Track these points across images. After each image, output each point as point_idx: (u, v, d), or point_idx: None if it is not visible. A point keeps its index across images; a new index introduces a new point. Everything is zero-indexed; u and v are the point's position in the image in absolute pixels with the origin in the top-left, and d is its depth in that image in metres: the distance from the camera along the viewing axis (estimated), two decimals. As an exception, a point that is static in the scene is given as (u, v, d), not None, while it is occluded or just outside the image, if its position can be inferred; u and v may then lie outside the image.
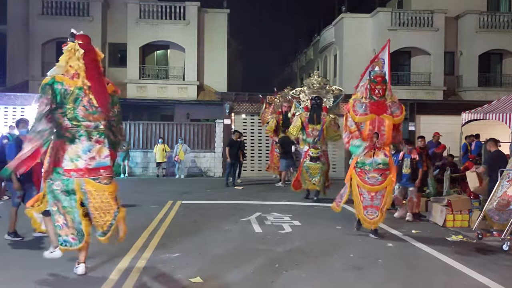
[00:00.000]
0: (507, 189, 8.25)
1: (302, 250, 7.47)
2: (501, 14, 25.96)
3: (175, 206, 11.58)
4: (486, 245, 7.98)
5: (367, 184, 8.32)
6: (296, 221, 9.82)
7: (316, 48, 32.44)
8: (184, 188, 15.47)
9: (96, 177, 5.77)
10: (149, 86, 24.97)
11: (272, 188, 16.03)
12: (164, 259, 6.77)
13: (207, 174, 20.39)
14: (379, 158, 8.27)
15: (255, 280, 5.89)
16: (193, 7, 25.18)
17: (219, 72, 25.87)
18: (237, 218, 10.06)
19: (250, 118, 20.70)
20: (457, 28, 26.06)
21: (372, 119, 8.28)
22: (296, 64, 39.51)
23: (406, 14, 25.38)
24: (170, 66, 25.92)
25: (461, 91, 25.57)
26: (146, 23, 24.83)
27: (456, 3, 25.34)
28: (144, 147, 20.40)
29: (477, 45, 25.55)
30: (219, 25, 26.17)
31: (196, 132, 20.80)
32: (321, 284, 5.81)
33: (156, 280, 5.84)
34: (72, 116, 5.65)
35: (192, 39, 25.18)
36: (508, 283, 5.90)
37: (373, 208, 8.29)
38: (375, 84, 8.35)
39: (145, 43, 25.14)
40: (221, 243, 7.83)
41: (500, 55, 26.62)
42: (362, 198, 8.36)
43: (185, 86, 25.12)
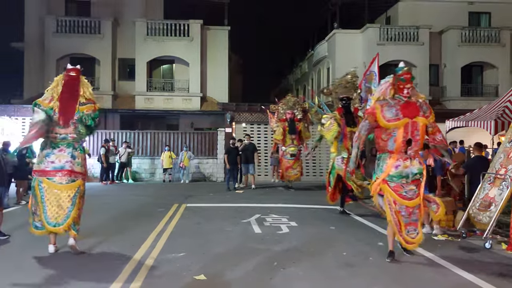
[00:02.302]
0: (488, 191, 8.24)
1: (299, 249, 7.45)
2: (481, 29, 26.02)
3: (180, 209, 11.57)
4: (470, 244, 7.96)
5: (405, 200, 6.64)
6: (293, 222, 9.79)
7: (310, 62, 32.51)
8: (189, 192, 15.45)
9: (51, 177, 6.75)
10: (156, 97, 24.99)
11: (271, 191, 16.01)
12: (170, 258, 6.76)
13: (210, 179, 20.39)
14: (415, 168, 6.68)
15: (254, 277, 5.87)
16: (196, 24, 25.24)
17: (220, 84, 25.90)
18: (238, 220, 10.04)
19: (250, 126, 20.72)
20: (441, 42, 26.11)
21: (405, 124, 6.63)
22: (292, 76, 39.55)
23: (394, 29, 25.44)
24: (175, 79, 25.94)
25: (445, 100, 25.60)
26: (153, 39, 24.87)
27: (439, 19, 25.41)
28: (151, 154, 20.46)
29: (460, 58, 25.59)
30: (220, 41, 26.22)
31: (199, 140, 20.86)
32: (316, 281, 5.80)
33: (163, 278, 5.82)
34: None
35: (195, 54, 25.23)
36: (490, 279, 5.89)
37: (411, 226, 6.68)
38: (403, 82, 6.69)
39: (152, 58, 25.18)
40: (223, 243, 7.81)
41: (481, 67, 26.66)
42: (401, 217, 6.64)
43: (189, 97, 25.14)
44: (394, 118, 6.61)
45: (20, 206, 11.95)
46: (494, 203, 7.94)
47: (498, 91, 24.60)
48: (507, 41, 25.62)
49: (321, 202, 12.53)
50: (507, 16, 26.10)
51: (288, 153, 15.82)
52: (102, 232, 8.41)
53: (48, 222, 6.69)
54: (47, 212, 6.70)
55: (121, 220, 9.84)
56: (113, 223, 9.19)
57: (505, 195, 7.71)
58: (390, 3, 27.35)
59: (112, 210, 11.44)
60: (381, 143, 6.81)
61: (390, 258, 6.76)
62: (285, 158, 15.90)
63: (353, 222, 10.05)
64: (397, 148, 6.65)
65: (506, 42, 25.59)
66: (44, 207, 6.72)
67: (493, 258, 7.05)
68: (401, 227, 6.64)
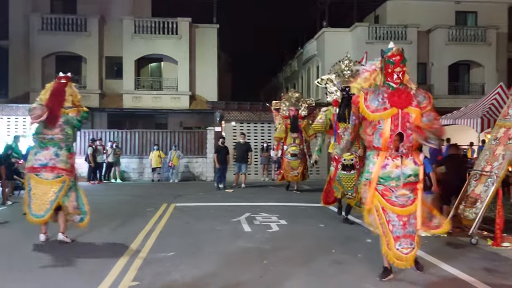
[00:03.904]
0: (474, 188, 8.40)
1: (289, 247, 7.54)
2: (468, 28, 26.35)
3: (170, 209, 11.59)
4: (457, 240, 8.11)
5: (396, 206, 5.61)
6: (283, 221, 9.88)
7: (300, 60, 32.64)
8: (178, 191, 15.46)
9: (38, 173, 7.50)
10: (144, 96, 24.92)
11: (261, 190, 16.09)
12: (160, 258, 6.80)
13: (200, 178, 20.40)
14: (408, 168, 5.64)
15: (245, 276, 5.95)
16: (184, 22, 25.21)
17: (210, 82, 25.90)
18: (228, 219, 10.09)
19: (240, 125, 20.77)
20: (429, 41, 26.38)
21: (394, 115, 5.63)
22: (282, 75, 39.65)
23: (382, 28, 25.66)
24: (163, 78, 25.90)
25: (433, 98, 25.83)
26: (140, 37, 24.80)
27: (427, 18, 25.68)
28: (139, 153, 20.39)
29: (447, 57, 25.90)
30: (209, 39, 26.21)
31: (188, 139, 20.84)
32: (305, 278, 5.89)
33: (153, 277, 5.87)
34: (38, 130, 7.70)
35: (184, 53, 25.21)
36: (475, 273, 6.04)
37: (407, 239, 5.60)
38: (392, 65, 5.67)
39: (140, 56, 25.10)
40: (213, 242, 7.87)
41: (467, 66, 27.00)
42: (391, 227, 5.62)
43: (178, 96, 25.11)
44: (380, 108, 5.66)
45: (5, 206, 11.89)
46: (480, 199, 8.10)
47: (484, 89, 24.93)
48: (493, 40, 25.96)
49: (311, 200, 12.66)
50: (493, 15, 26.45)
51: (289, 152, 14.91)
52: (90, 232, 8.42)
53: (32, 213, 7.45)
54: (32, 204, 7.47)
55: (109, 220, 9.85)
56: (101, 223, 9.21)
57: (490, 191, 7.87)
58: (378, 2, 27.56)
59: (100, 210, 11.37)
60: (367, 139, 5.90)
61: (381, 276, 5.80)
62: (286, 158, 15.01)
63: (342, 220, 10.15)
64: (384, 144, 5.66)
65: (492, 41, 25.94)
66: (30, 200, 7.49)
67: (479, 254, 7.21)
68: (390, 239, 5.62)
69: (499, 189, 7.89)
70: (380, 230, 5.70)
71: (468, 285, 5.66)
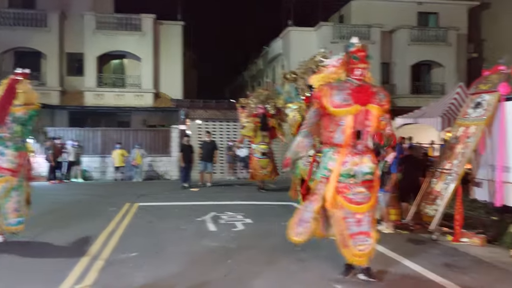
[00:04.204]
0: (435, 185, 8.63)
1: (254, 246, 7.55)
2: (429, 29, 27.05)
3: (133, 208, 11.41)
4: (418, 236, 8.30)
5: (353, 204, 5.57)
6: (248, 219, 9.88)
7: (265, 59, 32.74)
8: (142, 191, 15.24)
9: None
10: (106, 94, 24.51)
11: (226, 189, 16.06)
12: (122, 259, 6.68)
13: (164, 177, 20.21)
14: (366, 166, 5.60)
15: (209, 275, 5.91)
16: (148, 19, 24.92)
17: (174, 80, 25.69)
18: (192, 218, 10.01)
19: (205, 123, 20.65)
20: (392, 41, 26.94)
21: (357, 112, 5.57)
22: (247, 73, 39.69)
23: (346, 28, 26.05)
24: (126, 75, 25.53)
25: (395, 98, 26.37)
26: (102, 34, 24.35)
27: (390, 19, 26.20)
28: (102, 152, 20.02)
29: (409, 57, 26.52)
30: (174, 36, 25.99)
31: (152, 138, 20.62)
32: (269, 276, 5.91)
33: (115, 279, 5.77)
34: None
35: (148, 50, 24.90)
36: (436, 269, 6.19)
37: (361, 235, 5.57)
38: (356, 61, 5.62)
39: (102, 53, 24.66)
40: (177, 242, 7.80)
41: (429, 66, 27.72)
42: (347, 224, 5.59)
43: (141, 94, 24.81)
44: (343, 104, 5.54)
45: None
46: (440, 196, 8.32)
47: (445, 89, 25.61)
48: (453, 41, 26.73)
49: (278, 198, 12.70)
50: (453, 17, 27.24)
51: (259, 151, 14.81)
52: (49, 232, 8.22)
53: None
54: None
55: (70, 220, 9.63)
56: (61, 224, 8.99)
57: (450, 189, 8.10)
58: (343, 2, 27.97)
59: (60, 210, 11.16)
60: (327, 135, 5.77)
61: (344, 273, 5.81)
62: (256, 157, 14.85)
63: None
64: (345, 141, 5.58)
65: (452, 42, 26.70)
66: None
67: (439, 249, 7.41)
68: (345, 237, 5.60)
69: (458, 186, 8.12)
70: (337, 228, 5.66)
71: (429, 281, 5.79)
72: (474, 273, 6.10)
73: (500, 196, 7.67)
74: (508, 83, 7.91)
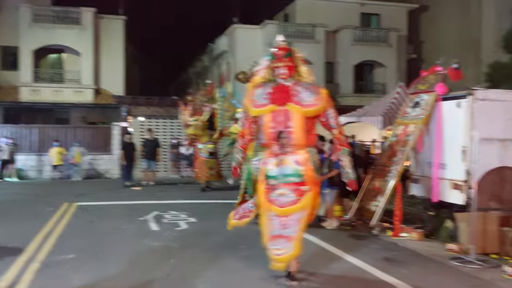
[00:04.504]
0: (376, 182, 8.90)
1: (197, 244, 7.50)
2: (371, 29, 27.84)
3: (71, 208, 11.04)
4: (360, 232, 8.53)
5: (274, 205, 5.41)
6: (192, 218, 9.81)
7: (210, 55, 32.58)
8: (81, 190, 14.78)
9: None
10: (44, 89, 23.55)
11: (170, 188, 15.85)
12: (59, 261, 6.45)
13: (105, 176, 19.68)
14: (288, 169, 5.42)
15: (151, 275, 5.82)
16: (88, 13, 24.15)
17: (116, 76, 25.06)
18: (134, 218, 9.82)
19: (148, 120, 20.28)
20: (335, 41, 27.51)
21: (273, 111, 5.49)
22: (192, 70, 39.33)
23: (291, 27, 26.35)
24: (65, 70, 24.65)
25: (339, 97, 27.01)
26: (39, 27, 23.38)
27: (334, 19, 26.72)
28: (38, 150, 19.22)
29: (352, 57, 27.16)
30: (115, 31, 25.35)
31: (93, 135, 20.04)
32: (212, 274, 5.89)
33: (51, 281, 5.58)
34: None
35: (88, 44, 24.13)
36: (376, 263, 6.40)
37: (282, 239, 5.33)
38: (275, 60, 5.59)
39: (39, 46, 23.67)
40: (117, 242, 7.64)
41: (371, 66, 28.51)
42: (270, 226, 5.46)
43: (81, 89, 24.02)
44: (261, 103, 5.54)
45: None
46: (380, 193, 8.59)
47: (386, 89, 26.42)
48: (394, 42, 27.63)
49: (222, 197, 12.66)
50: (394, 18, 28.18)
51: (207, 151, 14.28)
52: (-19, 235, 7.82)
53: None
54: None
55: (3, 221, 9.22)
56: (-6, 225, 8.59)
57: (390, 185, 8.38)
58: (288, 1, 28.26)
59: (-7, 211, 10.66)
60: (258, 136, 5.86)
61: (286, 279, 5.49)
62: (203, 156, 14.28)
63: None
64: (267, 140, 5.59)
65: (393, 43, 27.59)
66: None
67: (380, 244, 7.66)
68: (266, 238, 5.47)
69: (398, 183, 8.42)
70: (263, 227, 5.58)
71: (369, 275, 5.98)
72: (412, 267, 6.35)
73: (436, 192, 8.02)
74: (445, 84, 8.29)
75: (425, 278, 5.86)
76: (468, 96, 7.60)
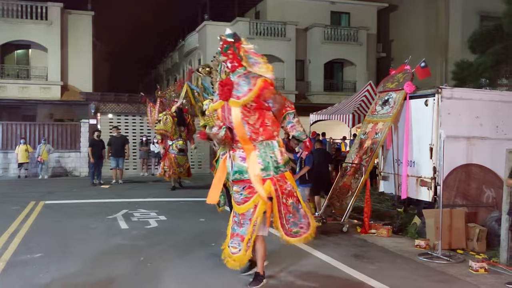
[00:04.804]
0: (345, 179, 8.99)
1: (167, 243, 7.44)
2: (342, 28, 28.04)
3: (38, 207, 10.81)
4: (330, 228, 8.61)
5: (235, 203, 5.38)
6: (162, 216, 9.72)
7: (181, 52, 32.31)
8: (48, 188, 14.49)
9: None
10: (9, 86, 22.89)
11: (139, 186, 15.68)
12: (25, 260, 6.32)
13: (73, 174, 19.31)
14: (235, 165, 5.27)
15: (119, 274, 5.73)
16: (55, 8, 23.55)
17: (84, 72, 24.56)
18: (103, 216, 9.69)
19: (117, 117, 19.98)
20: (306, 39, 27.64)
21: (221, 107, 5.28)
22: (162, 66, 38.95)
23: (262, 24, 26.33)
24: (31, 66, 24.01)
25: (310, 95, 27.19)
26: (5, 21, 22.69)
27: (305, 17, 26.83)
28: (4, 147, 18.73)
29: (323, 55, 27.30)
30: (83, 26, 24.83)
31: (60, 132, 19.59)
32: (183, 272, 5.86)
33: (17, 281, 5.43)
34: None
35: (55, 40, 23.56)
36: (345, 260, 6.49)
37: (238, 238, 5.29)
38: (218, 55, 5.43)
39: (4, 42, 22.99)
40: (85, 241, 7.50)
41: (341, 64, 28.73)
42: (232, 223, 5.43)
43: (48, 86, 23.45)
44: (216, 99, 5.41)
45: None
46: (350, 190, 8.69)
47: (356, 87, 26.74)
48: (364, 41, 27.93)
49: (193, 195, 12.61)
50: (364, 17, 28.47)
51: (177, 147, 14.05)
52: None
53: None
54: None
55: (-33, 221, 8.95)
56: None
57: (360, 182, 8.48)
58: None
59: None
60: None
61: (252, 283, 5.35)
62: (172, 153, 14.02)
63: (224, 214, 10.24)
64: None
65: (363, 42, 27.89)
66: None
67: (349, 241, 7.75)
68: (227, 235, 5.46)
69: (367, 180, 8.53)
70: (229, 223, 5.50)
71: (338, 271, 6.04)
72: (380, 263, 6.44)
73: (405, 189, 8.16)
74: (412, 82, 8.43)
75: (393, 274, 5.95)
76: (435, 95, 7.74)
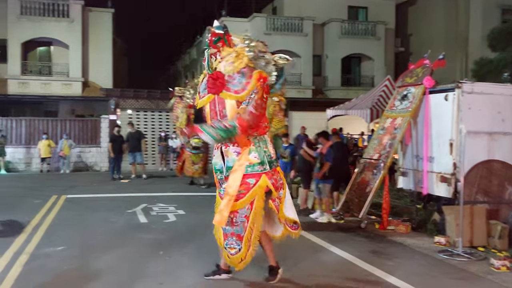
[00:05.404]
0: (364, 175, 8.88)
1: (185, 237, 7.45)
2: (359, 22, 27.76)
3: (60, 201, 10.93)
4: (348, 225, 8.54)
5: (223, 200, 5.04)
6: (180, 211, 9.76)
7: (199, 48, 32.32)
8: (70, 182, 14.66)
9: None
10: (32, 82, 23.18)
11: (158, 180, 15.76)
12: (48, 253, 6.38)
13: (93, 169, 19.53)
14: (230, 160, 5.03)
15: (139, 267, 5.75)
16: (77, 5, 23.76)
17: (104, 69, 24.76)
18: (122, 210, 9.75)
19: (136, 113, 20.12)
20: (323, 34, 27.43)
21: (211, 101, 5.09)
22: (181, 63, 39.07)
23: (279, 20, 26.20)
24: (53, 63, 24.26)
25: (327, 90, 27.00)
26: (28, 19, 22.96)
27: (322, 12, 26.61)
28: (27, 143, 19.04)
29: (340, 50, 27.06)
30: (104, 23, 25.02)
31: (81, 128, 19.86)
32: (199, 267, 5.81)
33: (40, 273, 5.47)
34: None
35: (76, 37, 23.77)
36: (363, 256, 6.39)
37: (233, 237, 5.03)
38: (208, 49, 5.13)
39: (27, 39, 23.25)
40: (106, 235, 7.56)
41: (359, 59, 28.46)
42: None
43: (69, 82, 23.69)
44: (203, 94, 5.21)
45: None
46: (368, 186, 8.58)
47: (374, 82, 26.45)
48: (382, 35, 27.61)
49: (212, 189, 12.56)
50: (382, 11, 28.13)
51: (191, 145, 13.57)
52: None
53: None
54: None
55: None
56: (-19, 219, 8.44)
57: (378, 178, 8.36)
58: (276, -7, 28.09)
59: (-20, 204, 10.49)
60: None
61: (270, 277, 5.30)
62: (187, 151, 13.73)
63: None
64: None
65: (381, 36, 27.58)
66: None
67: (367, 237, 7.66)
68: (220, 235, 5.13)
69: (386, 176, 8.41)
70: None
71: (355, 266, 5.96)
72: (399, 259, 6.35)
73: (426, 185, 8.02)
74: (432, 77, 8.26)
75: (412, 271, 5.85)
76: (455, 89, 7.58)
